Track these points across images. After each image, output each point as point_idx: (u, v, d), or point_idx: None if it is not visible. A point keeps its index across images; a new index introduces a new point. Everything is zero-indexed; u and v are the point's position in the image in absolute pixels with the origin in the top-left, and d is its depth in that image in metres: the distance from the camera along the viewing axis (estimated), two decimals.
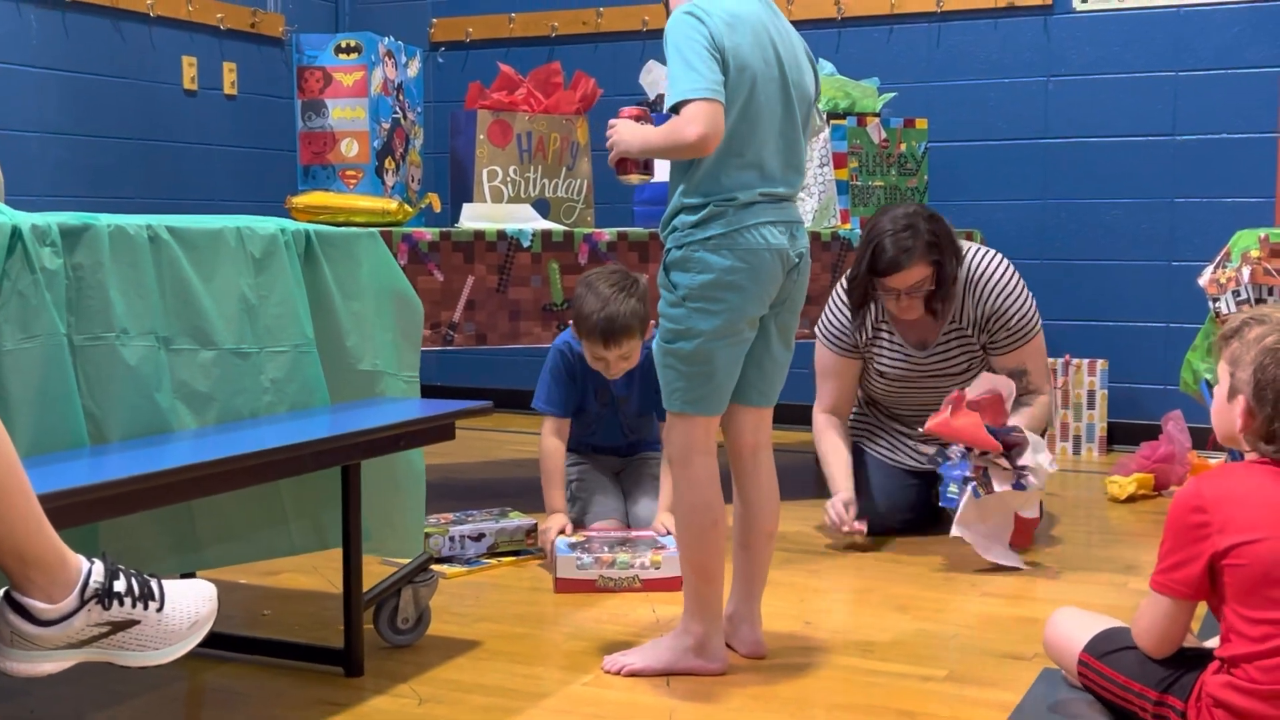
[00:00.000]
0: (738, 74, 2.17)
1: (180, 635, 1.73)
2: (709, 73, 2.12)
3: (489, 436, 4.80)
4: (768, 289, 2.24)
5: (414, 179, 3.69)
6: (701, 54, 2.13)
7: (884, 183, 3.93)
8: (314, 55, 3.49)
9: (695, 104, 2.11)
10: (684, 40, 2.15)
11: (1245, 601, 1.84)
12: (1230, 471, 1.91)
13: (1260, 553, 1.82)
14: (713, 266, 2.19)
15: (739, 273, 2.19)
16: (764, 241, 2.21)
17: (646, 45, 5.10)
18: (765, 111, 2.21)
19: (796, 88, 2.26)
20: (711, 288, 2.20)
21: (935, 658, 2.41)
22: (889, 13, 4.83)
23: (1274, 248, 2.96)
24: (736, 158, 2.19)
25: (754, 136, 2.20)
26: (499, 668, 2.35)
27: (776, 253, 2.22)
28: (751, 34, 2.20)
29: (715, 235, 2.19)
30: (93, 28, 4.55)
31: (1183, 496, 1.90)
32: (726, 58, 2.16)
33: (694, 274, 2.20)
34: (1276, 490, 1.85)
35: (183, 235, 2.16)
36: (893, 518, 3.34)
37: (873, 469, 3.39)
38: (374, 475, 2.39)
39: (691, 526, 2.29)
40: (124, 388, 2.02)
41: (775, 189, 2.23)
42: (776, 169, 2.24)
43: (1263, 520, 1.83)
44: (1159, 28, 4.50)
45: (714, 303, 2.20)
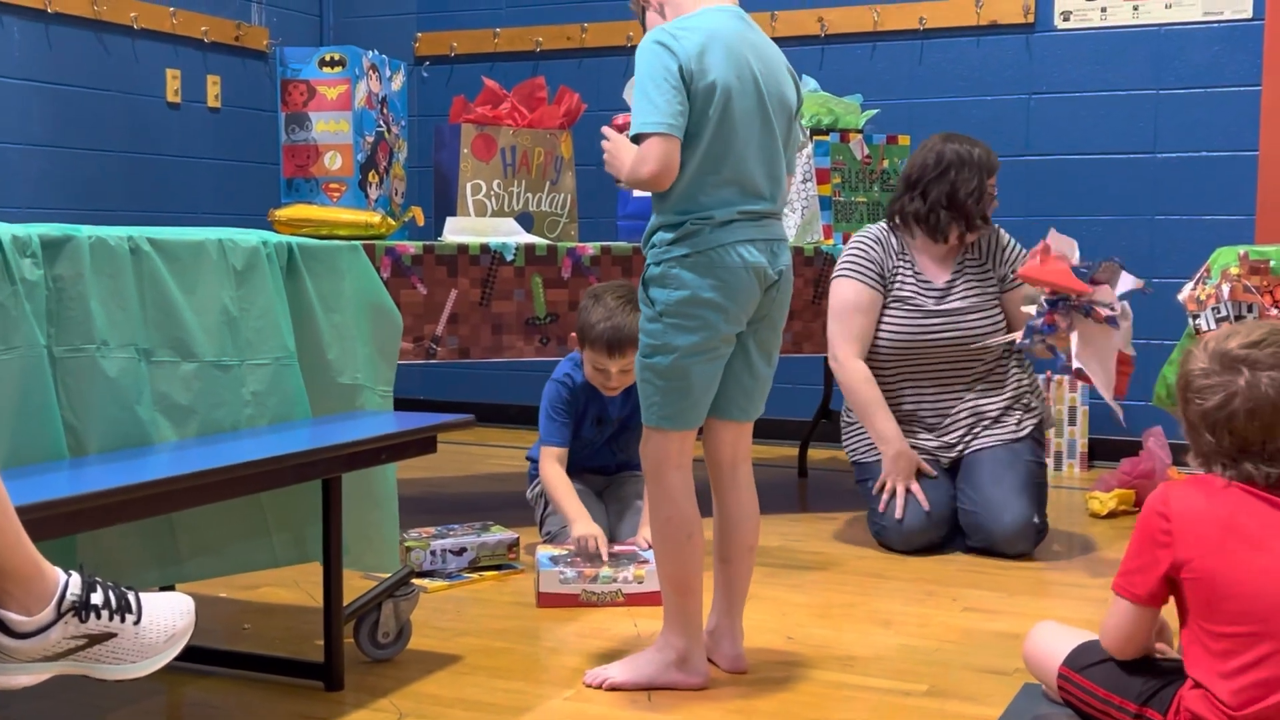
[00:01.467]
0: (707, 94, 2.18)
1: (157, 648, 1.72)
2: (666, 105, 2.15)
3: (471, 450, 4.79)
4: (745, 306, 2.25)
5: (397, 192, 3.69)
6: (661, 85, 2.16)
7: (866, 199, 3.95)
8: (298, 68, 3.49)
9: (649, 140, 2.16)
10: (646, 70, 2.19)
11: (1205, 615, 1.86)
12: (1200, 484, 1.91)
13: (1207, 570, 1.84)
14: (689, 284, 2.20)
15: (715, 290, 2.20)
16: (740, 260, 2.21)
17: (630, 61, 5.08)
18: (741, 127, 2.22)
19: (775, 100, 2.27)
20: (688, 304, 2.21)
21: (916, 673, 2.41)
22: (872, 30, 4.86)
23: (1253, 265, 2.97)
24: (713, 175, 2.21)
25: (730, 153, 2.21)
26: (480, 682, 2.34)
27: (754, 270, 2.23)
28: (725, 50, 2.21)
29: (692, 253, 2.20)
30: (76, 40, 4.55)
31: (1151, 502, 1.92)
32: (696, 81, 2.17)
33: (671, 290, 2.21)
34: (1231, 508, 1.86)
35: (164, 247, 2.15)
36: (914, 539, 3.32)
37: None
38: (350, 490, 2.38)
39: (667, 540, 2.29)
40: (104, 400, 2.02)
41: (755, 205, 2.24)
42: (756, 184, 2.25)
43: (1211, 538, 1.85)
44: (1140, 46, 4.54)
45: (690, 319, 2.21)
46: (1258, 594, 1.82)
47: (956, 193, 3.38)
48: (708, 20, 2.23)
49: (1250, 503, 1.86)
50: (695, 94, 2.18)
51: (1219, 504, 1.87)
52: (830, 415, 4.30)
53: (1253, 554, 1.83)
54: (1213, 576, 1.84)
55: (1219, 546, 1.85)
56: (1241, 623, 1.83)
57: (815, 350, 3.76)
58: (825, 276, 3.71)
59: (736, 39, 2.24)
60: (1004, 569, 3.17)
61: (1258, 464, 1.85)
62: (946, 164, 3.40)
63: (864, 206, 3.94)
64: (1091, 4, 4.59)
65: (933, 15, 4.78)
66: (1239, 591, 1.83)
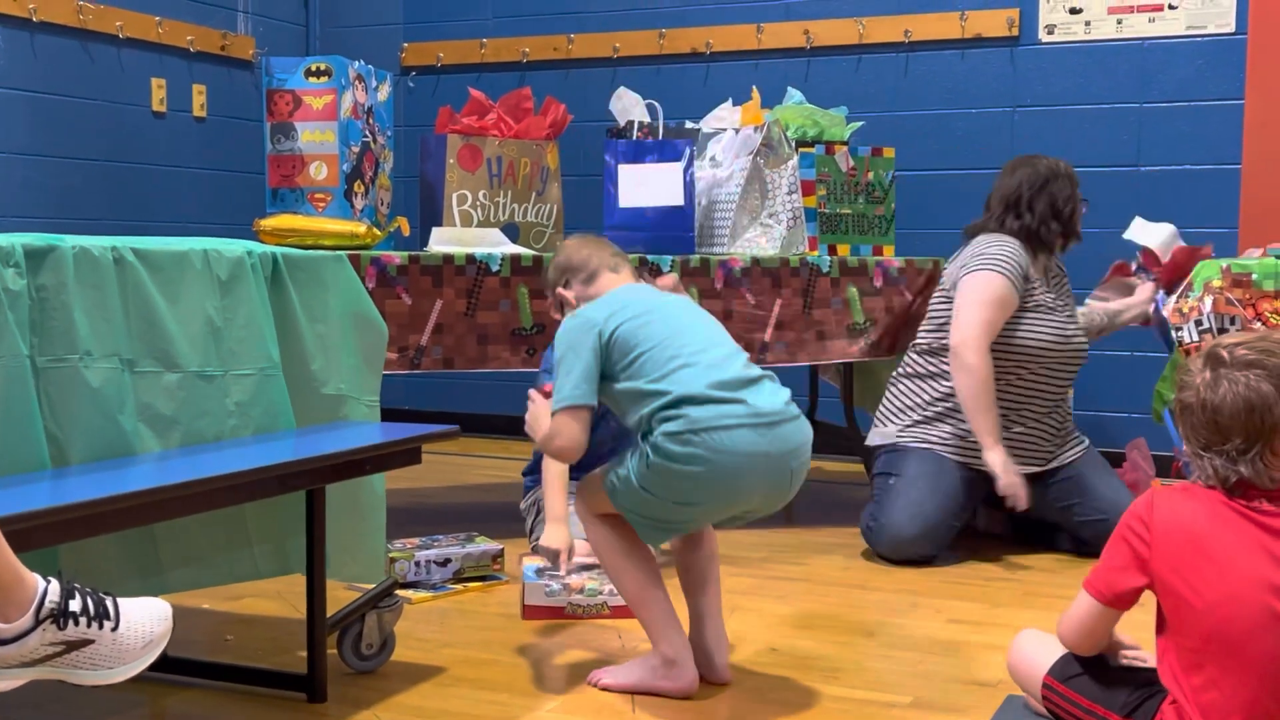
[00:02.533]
0: (629, 324, 2.29)
1: (134, 654, 1.72)
2: (577, 378, 2.26)
3: (456, 461, 4.78)
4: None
5: (383, 203, 3.69)
6: (571, 359, 2.28)
7: (851, 210, 3.96)
8: (284, 78, 3.49)
9: (559, 416, 2.26)
10: (561, 345, 2.32)
11: (1174, 627, 1.87)
12: (1185, 494, 1.92)
13: (1174, 581, 1.85)
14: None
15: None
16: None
17: (617, 71, 5.12)
18: (674, 322, 2.34)
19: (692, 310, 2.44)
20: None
21: (901, 684, 2.41)
22: (857, 42, 4.87)
23: (1236, 278, 2.99)
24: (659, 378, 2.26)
25: (668, 347, 2.28)
26: (464, 694, 2.34)
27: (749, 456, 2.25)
28: (633, 292, 2.41)
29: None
30: (61, 48, 4.54)
31: (1136, 507, 1.92)
32: (612, 327, 2.28)
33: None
34: (1204, 519, 1.86)
35: (148, 257, 2.15)
36: (905, 548, 3.32)
37: (929, 475, 3.36)
38: (334, 500, 2.38)
39: (606, 559, 2.35)
40: (87, 410, 2.01)
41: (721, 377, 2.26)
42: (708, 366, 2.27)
43: (1180, 549, 1.85)
44: (1123, 59, 4.56)
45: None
46: (1207, 614, 1.82)
47: (1057, 205, 3.45)
48: (619, 292, 2.43)
49: (1224, 514, 1.86)
50: (611, 343, 2.29)
51: (1196, 514, 1.87)
52: (815, 426, 4.30)
53: (1213, 571, 1.83)
54: (1179, 588, 1.85)
55: (1186, 558, 1.85)
56: (1196, 639, 1.83)
57: (810, 359, 3.77)
58: (812, 287, 3.72)
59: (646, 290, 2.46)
60: (988, 580, 3.18)
61: (1223, 462, 1.86)
62: (1044, 178, 3.46)
63: (849, 218, 3.95)
64: (1075, 18, 4.62)
65: (918, 28, 4.80)
66: (1196, 607, 1.83)
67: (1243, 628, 1.80)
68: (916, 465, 3.38)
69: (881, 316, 3.83)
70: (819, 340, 3.74)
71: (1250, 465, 1.83)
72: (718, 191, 3.87)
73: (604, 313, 2.32)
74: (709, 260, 3.62)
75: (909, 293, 3.87)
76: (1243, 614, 1.80)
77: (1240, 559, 1.82)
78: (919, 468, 3.37)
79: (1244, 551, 1.82)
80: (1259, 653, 1.79)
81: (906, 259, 3.91)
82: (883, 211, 4.03)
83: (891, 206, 4.06)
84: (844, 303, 3.77)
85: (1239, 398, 1.84)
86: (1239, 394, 1.84)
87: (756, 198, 3.81)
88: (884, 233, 4.03)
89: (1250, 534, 1.83)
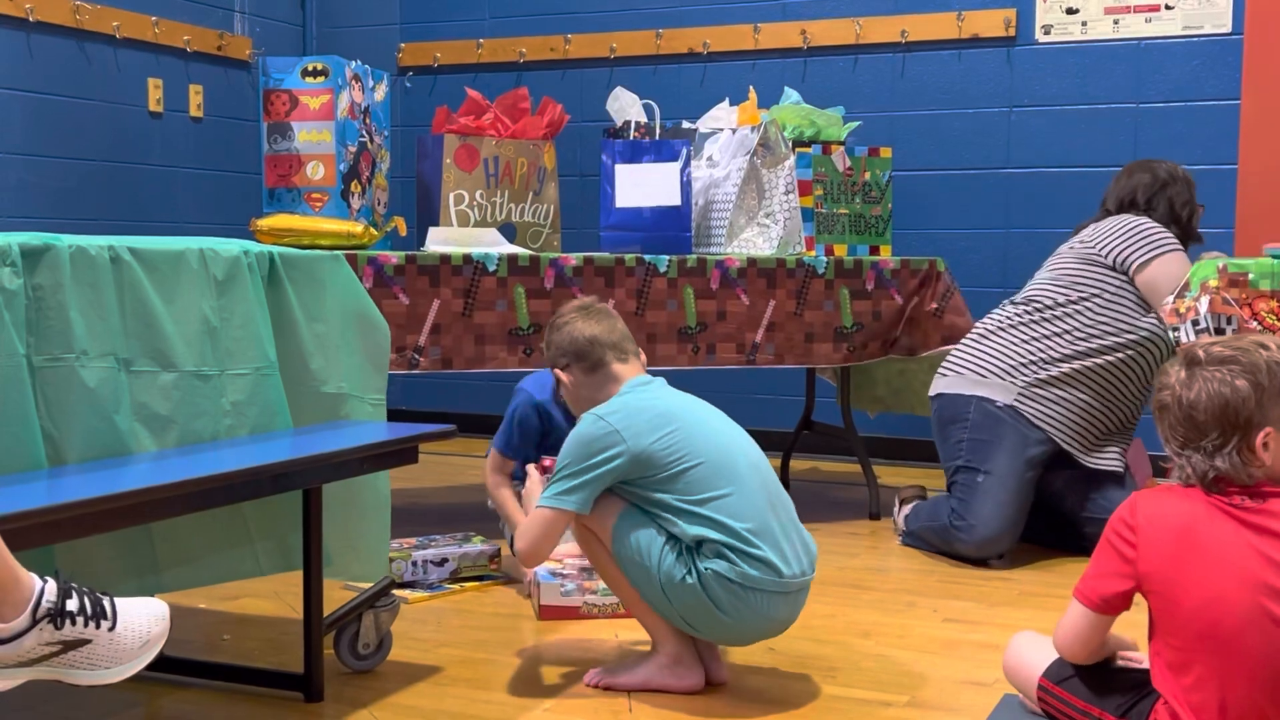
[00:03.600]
0: (661, 441, 2.25)
1: (131, 654, 1.71)
2: (572, 484, 2.24)
3: (453, 461, 4.78)
4: None
5: (380, 202, 3.69)
6: (581, 468, 2.24)
7: (848, 210, 3.96)
8: (280, 78, 3.49)
9: (539, 511, 2.28)
10: (577, 447, 2.27)
11: (1164, 628, 1.87)
12: (1168, 494, 1.92)
13: (1163, 582, 1.85)
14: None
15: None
16: None
17: (614, 72, 5.12)
18: (706, 432, 2.31)
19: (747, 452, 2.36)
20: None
21: (897, 684, 2.41)
22: (854, 43, 4.87)
23: (1232, 278, 2.99)
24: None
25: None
26: (460, 693, 2.34)
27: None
28: (651, 396, 2.35)
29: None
30: (57, 48, 4.53)
31: (1120, 512, 1.93)
32: (642, 446, 2.24)
33: None
34: (1190, 519, 1.86)
35: (144, 256, 2.15)
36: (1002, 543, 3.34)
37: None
38: (338, 498, 2.38)
39: (603, 569, 2.36)
40: (83, 409, 2.01)
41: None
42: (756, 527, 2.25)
43: (1167, 549, 1.86)
44: (1120, 60, 4.56)
45: None
46: (1195, 613, 1.83)
47: (1175, 208, 3.48)
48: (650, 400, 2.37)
49: (1206, 512, 1.86)
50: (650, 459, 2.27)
51: (1180, 514, 1.87)
52: (812, 426, 4.31)
53: (1199, 570, 1.83)
54: (1167, 589, 1.85)
55: (1172, 558, 1.85)
56: (1195, 642, 1.83)
57: (797, 362, 3.76)
58: (808, 288, 3.72)
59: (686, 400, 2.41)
60: (984, 580, 3.18)
61: (1201, 458, 1.87)
62: (1163, 181, 3.49)
63: (845, 218, 3.95)
64: (1072, 18, 4.62)
65: (914, 28, 4.80)
66: (1184, 607, 1.84)
67: (1231, 625, 1.80)
68: (1006, 460, 3.34)
69: (868, 321, 3.82)
70: (806, 343, 3.74)
71: (1228, 460, 1.84)
72: (714, 191, 3.87)
73: (630, 427, 2.26)
74: (705, 260, 3.62)
75: (899, 296, 3.87)
76: (1231, 611, 1.80)
77: (1225, 556, 1.83)
78: (1008, 463, 3.34)
79: (1229, 549, 1.83)
80: (1248, 650, 1.80)
81: (902, 259, 3.91)
82: (880, 211, 4.03)
83: (888, 206, 4.06)
84: (835, 305, 3.77)
85: (1215, 394, 1.85)
86: (1214, 390, 1.85)
87: (753, 198, 3.81)
88: (881, 233, 4.03)
89: (1233, 530, 1.84)
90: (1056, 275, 3.47)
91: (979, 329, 3.57)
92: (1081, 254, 3.44)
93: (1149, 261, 3.34)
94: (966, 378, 3.47)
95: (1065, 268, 3.46)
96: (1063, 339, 3.39)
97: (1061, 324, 3.40)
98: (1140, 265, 3.34)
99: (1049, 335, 3.41)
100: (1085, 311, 3.38)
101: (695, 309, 3.59)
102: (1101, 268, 3.39)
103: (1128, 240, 3.38)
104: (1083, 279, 3.41)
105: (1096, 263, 3.40)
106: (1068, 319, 3.39)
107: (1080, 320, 3.38)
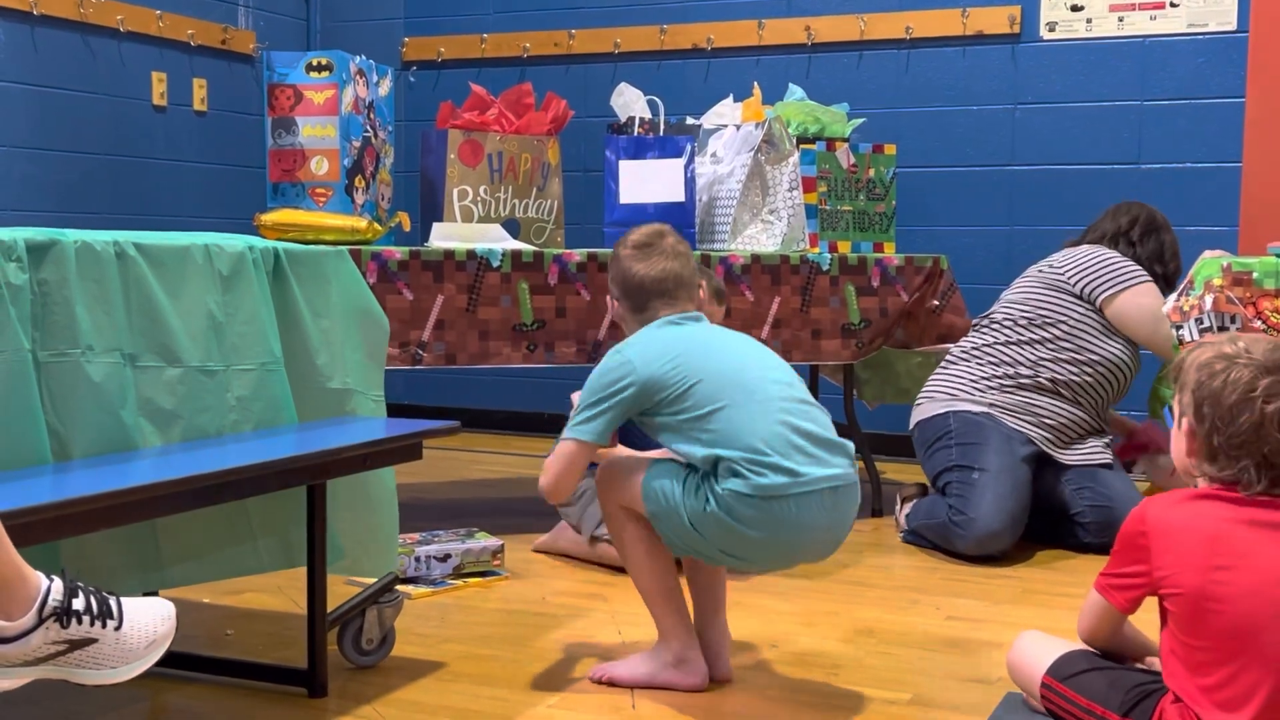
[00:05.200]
0: (671, 363, 2.26)
1: (138, 654, 1.71)
2: (590, 415, 2.28)
3: (456, 456, 4.78)
4: None
5: (384, 198, 3.68)
6: (592, 398, 2.28)
7: (852, 207, 3.96)
8: (285, 73, 3.49)
9: (561, 444, 2.31)
10: (594, 378, 2.32)
11: (1186, 629, 1.87)
12: (1177, 501, 1.92)
13: (1191, 586, 1.85)
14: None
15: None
16: None
17: (618, 67, 5.12)
18: (725, 353, 2.32)
19: (766, 367, 2.34)
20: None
21: (900, 681, 2.41)
22: (859, 39, 4.87)
23: (1236, 276, 2.99)
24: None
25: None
26: (463, 689, 2.34)
27: None
28: (677, 335, 2.34)
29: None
30: (62, 42, 4.53)
31: (1132, 518, 1.94)
32: (648, 374, 2.25)
33: None
34: (1212, 521, 1.86)
35: (150, 252, 2.15)
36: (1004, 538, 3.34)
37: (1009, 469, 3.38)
38: (348, 493, 2.38)
39: (627, 552, 2.35)
40: (88, 405, 2.01)
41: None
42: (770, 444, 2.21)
43: (1194, 553, 1.86)
44: (1124, 57, 4.56)
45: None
46: (1220, 612, 1.83)
47: (1163, 253, 3.56)
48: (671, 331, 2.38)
49: (1234, 514, 1.86)
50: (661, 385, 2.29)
51: (1201, 518, 1.88)
52: None
53: (1236, 571, 1.83)
54: (1196, 592, 1.85)
55: (1202, 563, 1.85)
56: (1222, 640, 1.83)
57: (804, 358, 3.76)
58: (813, 285, 3.72)
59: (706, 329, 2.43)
60: (988, 577, 3.18)
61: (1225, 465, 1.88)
62: (1158, 225, 3.58)
63: (849, 215, 3.95)
64: (1077, 15, 4.61)
65: (919, 25, 4.79)
66: (1208, 607, 1.83)
67: (1260, 623, 1.81)
68: (997, 457, 3.38)
69: (876, 317, 3.82)
70: (814, 339, 3.73)
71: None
72: (719, 188, 3.86)
73: (641, 356, 2.28)
74: (710, 257, 3.61)
75: (905, 293, 3.86)
76: (1261, 610, 1.81)
77: (1255, 556, 1.83)
78: (1000, 460, 3.37)
79: (1259, 548, 1.84)
80: (1276, 647, 1.80)
81: (906, 256, 3.91)
82: (883, 208, 4.03)
83: (892, 203, 4.06)
84: (841, 301, 3.77)
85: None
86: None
87: (757, 194, 3.81)
88: (884, 230, 4.02)
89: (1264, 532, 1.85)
90: (1021, 298, 3.57)
91: (949, 355, 3.67)
92: (1049, 280, 3.54)
93: (1117, 294, 3.44)
94: (938, 400, 3.58)
95: (1030, 292, 3.56)
96: (1027, 360, 3.50)
97: (1027, 348, 3.50)
98: (1109, 298, 3.45)
99: (1015, 358, 3.51)
100: (1048, 339, 3.48)
101: None
102: (1067, 295, 3.50)
103: (1096, 272, 3.47)
104: (1045, 305, 3.51)
105: (1063, 289, 3.50)
106: (1034, 345, 3.49)
107: (1045, 347, 3.49)
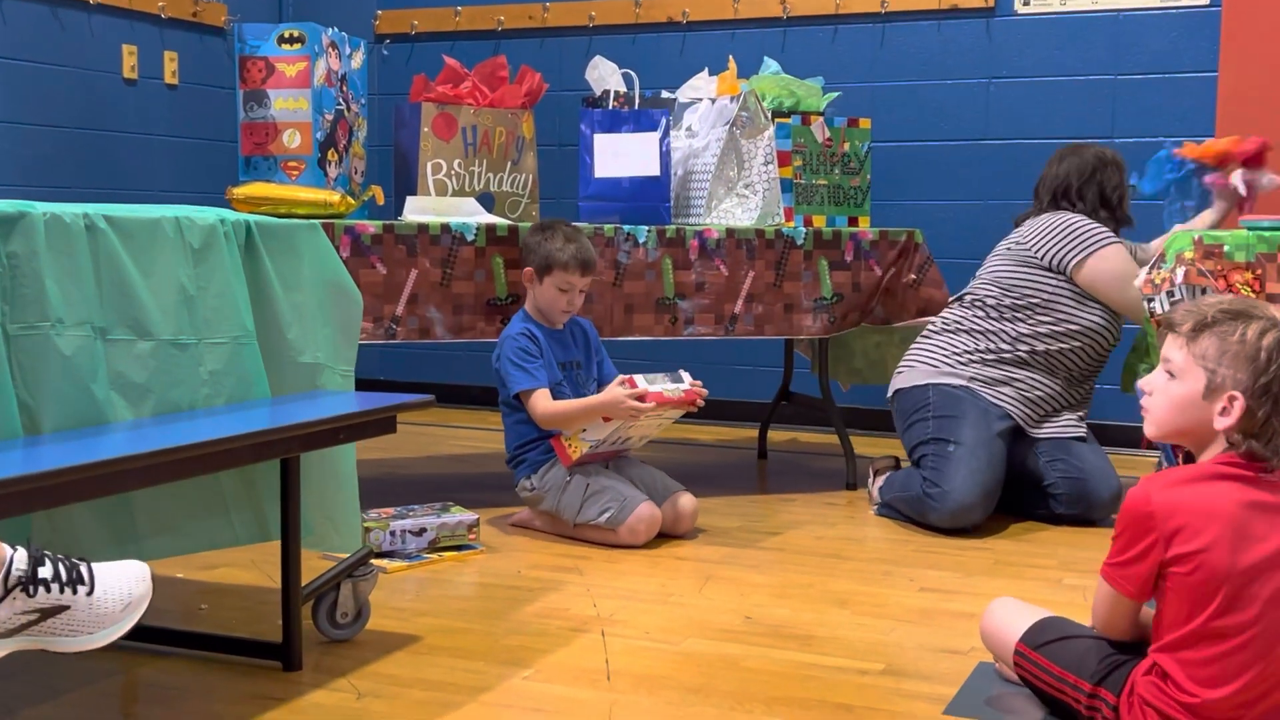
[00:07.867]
0: None
1: (114, 617, 1.70)
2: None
3: (431, 431, 4.78)
4: None
5: (357, 171, 3.67)
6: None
7: (827, 181, 3.96)
8: (256, 45, 3.46)
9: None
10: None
11: (1186, 598, 1.85)
12: (1184, 481, 1.89)
13: (1205, 562, 1.83)
14: None
15: None
16: None
17: (593, 40, 5.09)
18: None
19: None
20: None
21: (873, 651, 2.43)
22: (834, 13, 4.86)
23: (1207, 249, 3.00)
24: None
25: None
26: (438, 662, 2.34)
27: None
28: None
29: None
30: (31, 14, 4.48)
31: (1136, 499, 1.89)
32: None
33: None
34: (1227, 498, 1.85)
35: (120, 224, 2.13)
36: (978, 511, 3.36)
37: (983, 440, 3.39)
38: (314, 470, 2.37)
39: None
40: (59, 378, 2.00)
41: None
42: None
43: (1210, 529, 1.83)
44: (1098, 31, 4.57)
45: None
46: (1219, 586, 1.82)
47: (1106, 193, 3.53)
48: None
49: (1251, 495, 1.85)
50: None
51: (1221, 499, 1.85)
52: (790, 397, 4.32)
53: (1254, 548, 1.83)
54: (1221, 573, 1.82)
55: (1217, 539, 1.83)
56: (1233, 618, 1.82)
57: (776, 333, 3.77)
58: (786, 259, 3.72)
59: None
60: (961, 549, 3.20)
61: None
62: (1092, 167, 3.55)
63: (825, 189, 3.95)
64: None
65: None
66: (1207, 581, 1.82)
67: (1265, 596, 1.82)
68: (973, 431, 3.39)
69: (848, 292, 3.83)
70: (786, 314, 3.74)
71: None
72: (694, 162, 3.86)
73: None
74: (684, 231, 3.61)
75: (879, 267, 3.87)
76: (1267, 582, 1.82)
77: (1274, 538, 1.84)
78: (975, 434, 3.39)
79: (1263, 522, 1.84)
80: (1275, 630, 1.82)
81: (880, 230, 3.91)
82: (858, 182, 4.03)
83: (867, 177, 4.06)
84: (814, 276, 3.77)
85: None
86: None
87: (732, 168, 3.81)
88: (859, 204, 4.03)
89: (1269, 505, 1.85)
90: (996, 277, 3.57)
91: (929, 328, 3.68)
92: (1019, 256, 3.55)
93: (1084, 260, 3.45)
94: (919, 370, 3.59)
95: (1003, 270, 3.57)
96: (1008, 335, 3.51)
97: (1007, 324, 3.51)
98: (1077, 264, 3.46)
99: (995, 332, 3.52)
100: (1025, 314, 3.49)
101: (673, 279, 3.59)
102: (1037, 269, 3.50)
103: (1061, 240, 3.48)
104: (1019, 282, 3.52)
105: (1032, 264, 3.51)
106: (1014, 321, 3.50)
107: (1023, 322, 3.50)
